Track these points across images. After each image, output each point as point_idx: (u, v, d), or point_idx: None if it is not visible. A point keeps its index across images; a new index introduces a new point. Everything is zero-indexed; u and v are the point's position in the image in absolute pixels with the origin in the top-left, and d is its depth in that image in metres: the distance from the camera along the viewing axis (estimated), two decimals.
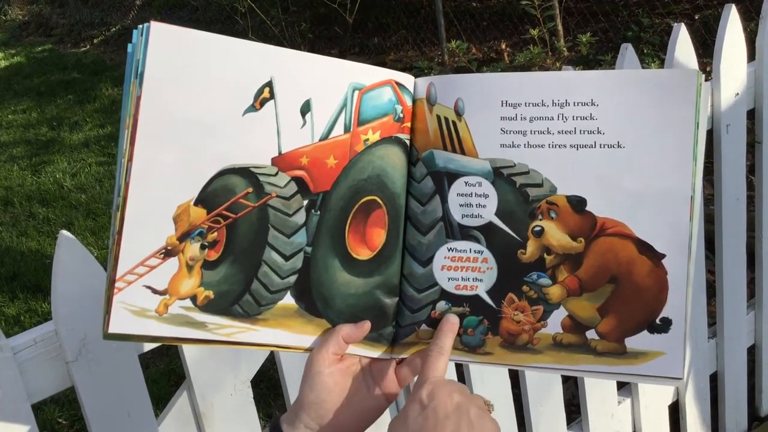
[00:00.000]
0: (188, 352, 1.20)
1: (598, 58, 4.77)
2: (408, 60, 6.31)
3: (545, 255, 0.89)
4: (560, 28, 5.26)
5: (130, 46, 0.82)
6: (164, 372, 2.88)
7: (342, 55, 6.91)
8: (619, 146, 0.86)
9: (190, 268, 0.85)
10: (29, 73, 9.24)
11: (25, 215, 4.86)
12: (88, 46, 10.40)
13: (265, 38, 6.77)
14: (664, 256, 0.86)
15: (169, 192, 0.83)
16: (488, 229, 0.90)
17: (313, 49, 6.94)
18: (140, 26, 0.81)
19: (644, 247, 0.86)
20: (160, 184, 0.82)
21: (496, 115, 0.89)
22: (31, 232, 4.56)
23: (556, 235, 0.88)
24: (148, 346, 1.18)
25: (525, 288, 0.90)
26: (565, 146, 0.87)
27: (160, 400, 2.54)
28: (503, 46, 5.77)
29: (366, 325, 0.91)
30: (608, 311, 0.88)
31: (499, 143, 0.89)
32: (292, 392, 1.32)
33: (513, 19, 5.96)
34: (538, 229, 0.89)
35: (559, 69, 4.44)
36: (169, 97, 0.82)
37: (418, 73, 5.21)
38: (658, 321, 0.86)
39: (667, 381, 0.86)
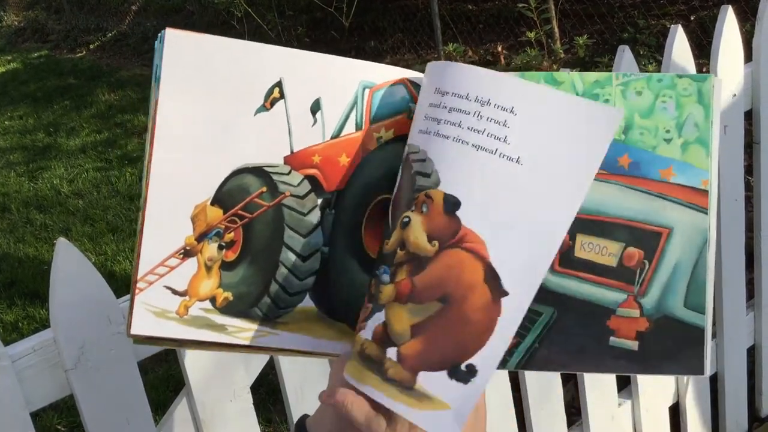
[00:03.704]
0: (187, 358, 1.19)
1: (595, 59, 4.77)
2: (405, 63, 6.31)
3: (398, 250, 0.83)
4: (556, 30, 5.26)
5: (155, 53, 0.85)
6: (163, 378, 2.87)
7: None
8: (517, 162, 0.83)
9: (208, 268, 0.85)
10: (25, 79, 9.24)
11: (23, 221, 4.85)
12: (84, 52, 10.40)
13: (261, 42, 6.77)
14: (506, 294, 0.80)
15: (187, 192, 0.84)
16: None
17: None
18: (160, 33, 0.83)
19: (492, 276, 0.80)
20: (177, 184, 0.83)
21: (426, 101, 0.88)
22: (28, 239, 4.55)
23: (416, 231, 0.83)
24: (147, 353, 1.18)
25: (373, 281, 0.85)
26: (467, 143, 0.84)
27: (159, 407, 2.54)
28: (499, 49, 5.77)
29: None
30: (420, 332, 0.81)
31: (418, 129, 0.88)
32: (292, 397, 1.31)
33: (509, 21, 5.96)
34: (405, 220, 0.83)
35: (557, 71, 4.44)
36: (184, 99, 0.83)
37: None
38: (463, 366, 0.79)
39: None
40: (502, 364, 0.88)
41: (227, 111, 0.85)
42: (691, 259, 0.86)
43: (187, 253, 0.84)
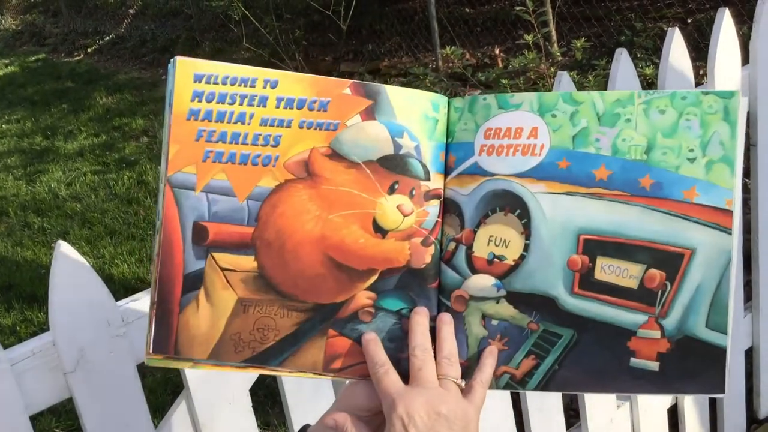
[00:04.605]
0: None
1: (593, 62, 4.78)
2: (402, 66, 6.31)
3: None
4: (554, 33, 5.27)
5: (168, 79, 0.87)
6: (161, 381, 2.87)
7: (336, 61, 6.91)
8: None
9: None
10: (23, 82, 9.23)
11: (20, 225, 4.84)
12: (81, 55, 10.40)
13: (259, 46, 6.77)
14: None
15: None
16: None
17: (307, 56, 6.95)
18: (171, 59, 0.85)
19: None
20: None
21: None
22: (26, 242, 4.55)
23: None
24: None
25: None
26: None
27: (158, 410, 2.53)
28: (497, 52, 5.78)
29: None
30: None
31: None
32: (291, 400, 1.31)
33: (506, 24, 5.97)
34: None
35: (554, 74, 4.44)
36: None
37: (413, 79, 5.21)
38: None
39: None
40: (522, 386, 0.89)
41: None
42: (714, 280, 0.85)
43: None
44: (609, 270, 0.86)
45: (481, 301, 0.88)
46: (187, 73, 0.84)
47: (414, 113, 0.88)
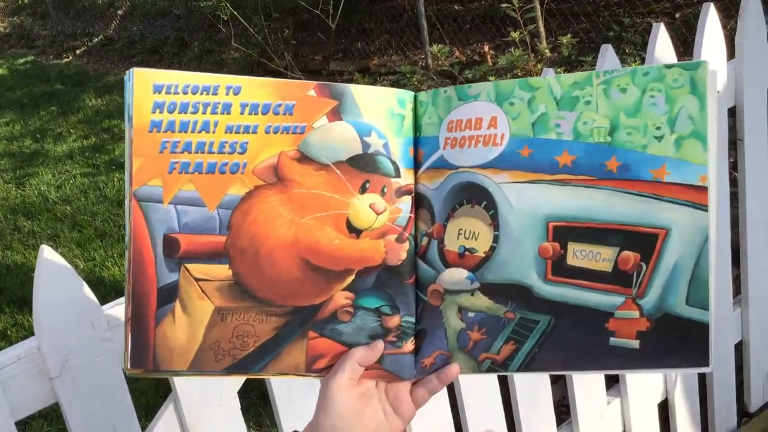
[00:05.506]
0: None
1: (580, 59, 4.79)
2: (392, 64, 6.31)
3: None
4: (542, 29, 5.27)
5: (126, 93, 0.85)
6: (153, 383, 2.86)
7: (326, 60, 6.90)
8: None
9: None
10: (12, 85, 9.19)
11: (10, 228, 4.82)
12: (70, 57, 10.36)
13: (248, 45, 6.75)
14: None
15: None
16: None
17: (296, 56, 6.93)
18: (127, 72, 0.83)
19: None
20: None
21: None
22: (16, 246, 4.53)
23: None
24: None
25: None
26: None
27: (149, 412, 2.52)
28: (486, 49, 5.78)
29: (380, 346, 0.89)
30: None
31: None
32: (281, 402, 1.31)
33: (495, 21, 5.97)
34: None
35: (540, 71, 4.44)
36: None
37: (401, 77, 5.21)
38: None
39: None
40: (504, 368, 0.89)
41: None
42: (692, 258, 0.83)
43: None
44: (581, 255, 0.85)
45: (456, 294, 0.89)
46: (145, 85, 0.82)
47: (380, 111, 0.89)
